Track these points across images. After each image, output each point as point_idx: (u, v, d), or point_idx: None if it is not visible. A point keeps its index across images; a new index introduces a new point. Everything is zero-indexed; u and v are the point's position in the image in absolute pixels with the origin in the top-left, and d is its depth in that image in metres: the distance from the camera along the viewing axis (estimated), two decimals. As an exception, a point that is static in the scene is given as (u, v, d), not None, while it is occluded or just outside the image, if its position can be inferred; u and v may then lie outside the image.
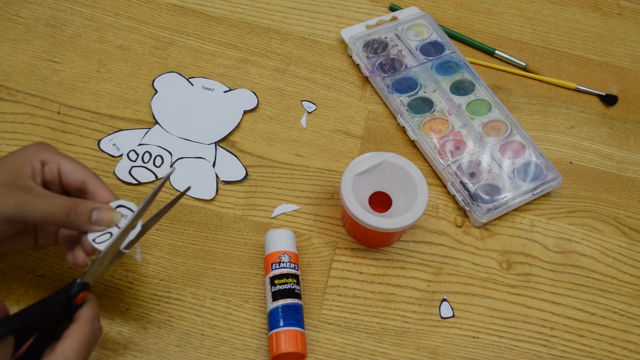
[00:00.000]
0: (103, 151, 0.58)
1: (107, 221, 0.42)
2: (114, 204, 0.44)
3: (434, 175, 0.61)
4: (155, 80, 0.63)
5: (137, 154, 0.58)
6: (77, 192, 0.45)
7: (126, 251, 0.43)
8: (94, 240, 0.42)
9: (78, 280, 0.41)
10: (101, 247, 0.42)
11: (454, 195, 0.59)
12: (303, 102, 0.64)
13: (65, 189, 0.45)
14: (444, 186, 0.60)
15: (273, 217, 0.56)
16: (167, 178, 0.44)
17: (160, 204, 0.55)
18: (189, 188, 0.46)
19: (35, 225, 0.46)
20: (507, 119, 0.62)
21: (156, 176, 0.57)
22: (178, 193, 0.56)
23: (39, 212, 0.41)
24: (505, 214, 0.59)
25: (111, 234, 0.43)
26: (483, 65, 0.70)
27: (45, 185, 0.44)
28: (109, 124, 0.59)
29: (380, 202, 0.55)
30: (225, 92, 0.63)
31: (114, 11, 0.67)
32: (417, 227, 0.57)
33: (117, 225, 0.43)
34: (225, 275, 0.53)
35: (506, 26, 0.74)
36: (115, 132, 0.59)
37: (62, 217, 0.41)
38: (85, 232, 0.43)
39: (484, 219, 0.57)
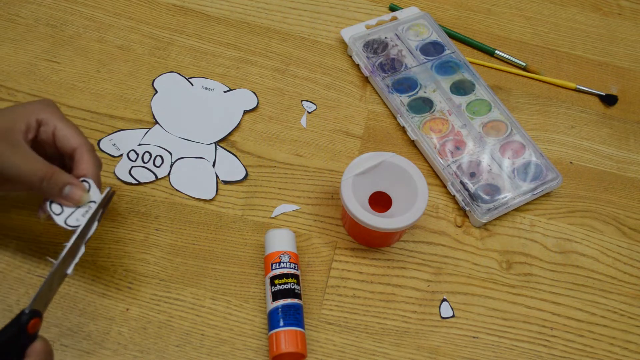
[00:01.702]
0: (103, 151, 0.58)
1: (75, 199, 0.43)
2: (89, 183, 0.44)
3: (434, 175, 0.61)
4: (155, 80, 0.63)
5: (137, 154, 0.58)
6: (70, 158, 0.45)
7: (70, 273, 0.43)
8: (63, 221, 0.43)
9: (26, 310, 0.40)
10: (62, 221, 0.43)
11: (454, 195, 0.59)
12: (303, 102, 0.64)
13: (59, 152, 0.46)
14: (444, 186, 0.60)
15: (273, 217, 0.56)
16: (106, 197, 0.44)
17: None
18: (113, 192, 0.47)
19: None
20: (507, 119, 0.62)
21: (156, 176, 0.57)
22: (179, 193, 0.56)
23: (14, 170, 0.41)
24: (505, 214, 0.59)
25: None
26: (483, 65, 0.70)
27: (39, 144, 0.45)
28: (109, 124, 0.59)
29: (380, 202, 0.55)
30: (225, 92, 0.63)
31: (114, 11, 0.67)
32: (417, 227, 0.57)
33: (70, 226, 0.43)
34: (225, 275, 0.53)
35: (506, 26, 0.74)
36: (115, 132, 0.59)
37: (36, 181, 0.42)
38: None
39: (484, 219, 0.57)
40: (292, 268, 0.50)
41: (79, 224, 0.43)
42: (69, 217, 0.43)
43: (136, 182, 0.56)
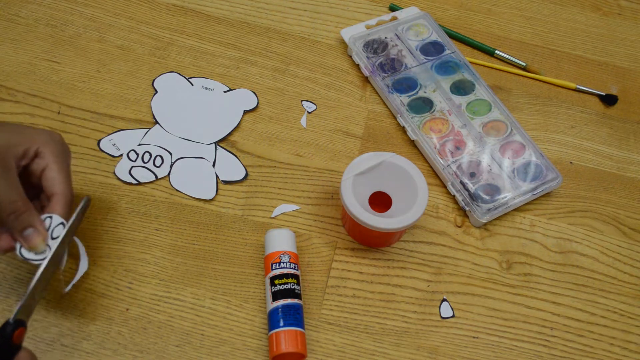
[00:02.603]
0: (103, 151, 0.58)
1: (32, 243, 0.43)
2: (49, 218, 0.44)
3: (434, 175, 0.61)
4: (155, 80, 0.63)
5: (137, 154, 0.58)
6: (47, 199, 0.45)
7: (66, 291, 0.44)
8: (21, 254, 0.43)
9: (11, 319, 0.40)
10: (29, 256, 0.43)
11: (454, 195, 0.59)
12: (303, 102, 0.64)
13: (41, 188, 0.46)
14: (444, 186, 0.60)
15: (273, 217, 0.56)
16: (84, 208, 0.44)
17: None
18: (88, 201, 0.47)
19: None
20: (507, 119, 0.62)
21: (156, 176, 0.57)
22: (179, 193, 0.56)
23: None
24: (505, 214, 0.59)
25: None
26: (483, 65, 0.70)
27: (28, 172, 0.45)
28: (109, 124, 0.59)
29: (380, 202, 0.55)
30: (225, 92, 0.63)
31: (114, 11, 0.67)
32: (417, 227, 0.57)
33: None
34: (225, 275, 0.53)
35: (506, 26, 0.74)
36: (115, 132, 0.59)
37: (6, 210, 0.42)
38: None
39: (484, 219, 0.57)
40: (292, 268, 0.50)
41: (34, 258, 0.43)
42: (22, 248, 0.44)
43: (136, 182, 0.56)
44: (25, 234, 0.43)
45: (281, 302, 0.48)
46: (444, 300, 0.54)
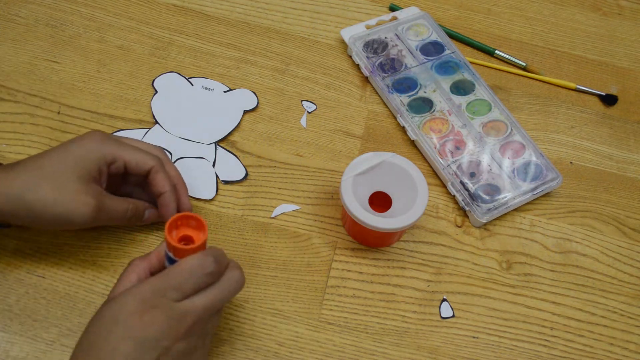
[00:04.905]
0: (103, 151, 0.58)
1: (152, 219, 0.52)
2: None
3: (434, 175, 0.61)
4: (155, 80, 0.63)
5: (137, 154, 0.58)
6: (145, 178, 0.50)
7: None
8: None
9: None
10: None
11: (454, 195, 0.59)
12: (303, 102, 0.64)
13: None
14: (444, 186, 0.60)
15: (273, 217, 0.56)
16: None
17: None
18: None
19: None
20: (507, 119, 0.62)
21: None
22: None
23: (108, 216, 0.48)
24: (505, 214, 0.59)
25: None
26: (483, 65, 0.70)
27: (110, 178, 0.49)
28: (109, 124, 0.59)
29: (380, 202, 0.55)
30: (225, 92, 0.63)
31: (114, 11, 0.67)
32: (417, 227, 0.57)
33: None
34: (225, 275, 0.53)
35: (506, 26, 0.74)
36: (115, 132, 0.59)
37: (125, 220, 0.50)
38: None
39: (484, 219, 0.57)
40: None
41: None
42: None
43: (136, 182, 0.56)
44: (145, 217, 0.51)
45: None
46: (444, 300, 0.54)
